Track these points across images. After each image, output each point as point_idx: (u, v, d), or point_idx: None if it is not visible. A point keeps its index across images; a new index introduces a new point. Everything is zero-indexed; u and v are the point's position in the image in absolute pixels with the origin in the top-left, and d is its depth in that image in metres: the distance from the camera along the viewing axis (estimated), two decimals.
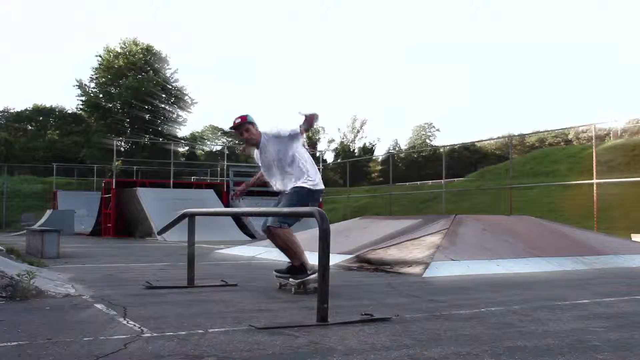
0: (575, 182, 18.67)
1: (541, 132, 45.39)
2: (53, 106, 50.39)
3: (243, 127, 4.84)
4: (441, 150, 20.76)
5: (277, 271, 4.99)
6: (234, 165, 23.73)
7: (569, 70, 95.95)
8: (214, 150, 52.94)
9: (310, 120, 4.58)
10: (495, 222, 8.68)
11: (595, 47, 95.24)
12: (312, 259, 4.19)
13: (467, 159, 53.75)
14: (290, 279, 4.72)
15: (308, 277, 4.61)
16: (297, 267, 4.73)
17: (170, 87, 46.68)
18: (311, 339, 2.85)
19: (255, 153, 5.09)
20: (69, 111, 49.72)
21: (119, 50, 47.45)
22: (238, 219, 17.80)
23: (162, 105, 46.08)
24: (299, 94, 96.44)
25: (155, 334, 2.93)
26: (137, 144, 42.69)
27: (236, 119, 4.89)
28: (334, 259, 7.01)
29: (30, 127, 49.54)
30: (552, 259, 7.09)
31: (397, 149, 66.32)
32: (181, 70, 73.00)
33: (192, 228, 5.13)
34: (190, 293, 4.68)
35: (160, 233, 14.08)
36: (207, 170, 31.55)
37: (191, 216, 5.15)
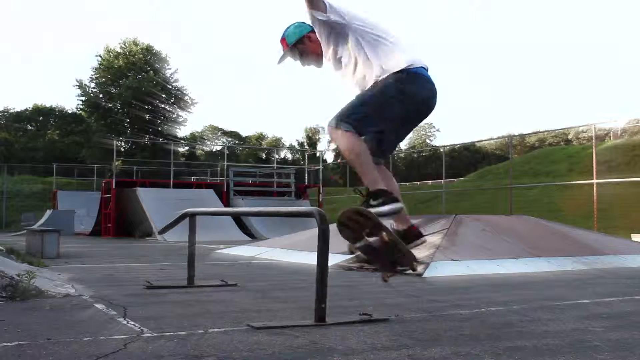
0: (575, 182, 18.69)
1: (541, 132, 45.37)
2: (53, 106, 50.44)
3: (292, 54, 3.42)
4: (441, 150, 20.76)
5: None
6: (234, 165, 23.73)
7: (569, 70, 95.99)
8: (214, 150, 52.93)
9: None
10: (495, 222, 8.67)
11: (595, 47, 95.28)
12: (311, 259, 4.16)
13: (467, 159, 53.70)
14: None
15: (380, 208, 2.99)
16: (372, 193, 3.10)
17: (170, 87, 46.67)
18: (311, 339, 2.85)
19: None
20: (69, 111, 49.76)
21: (119, 50, 47.44)
22: (238, 219, 17.79)
23: (162, 105, 46.07)
24: (299, 94, 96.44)
25: (155, 334, 2.93)
26: (137, 144, 42.68)
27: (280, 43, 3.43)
28: (334, 259, 7.01)
29: (30, 127, 49.53)
30: (552, 259, 7.09)
31: (397, 149, 66.38)
32: (181, 70, 73.13)
33: (193, 228, 5.13)
34: (190, 293, 4.67)
35: (161, 233, 14.09)
36: (207, 170, 31.53)
37: (192, 216, 5.15)
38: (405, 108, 3.11)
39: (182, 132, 50.81)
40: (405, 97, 3.06)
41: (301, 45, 3.35)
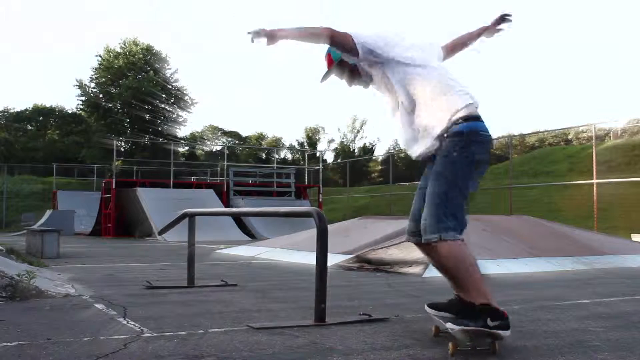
0: (575, 182, 18.68)
1: (541, 132, 45.32)
2: (53, 106, 50.37)
3: (339, 72, 3.03)
4: None
5: (431, 306, 3.02)
6: (234, 165, 23.73)
7: (569, 70, 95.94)
8: (214, 150, 52.93)
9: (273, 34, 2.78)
10: (495, 222, 8.67)
11: (595, 47, 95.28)
12: (311, 259, 4.15)
13: None
14: (449, 324, 2.60)
15: (482, 328, 2.53)
16: (466, 305, 2.68)
17: (170, 87, 46.66)
18: (311, 339, 2.85)
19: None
20: (69, 111, 49.72)
21: (119, 50, 47.41)
22: (238, 219, 17.79)
23: (162, 105, 46.04)
24: (299, 93, 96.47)
25: (155, 334, 2.93)
26: (137, 144, 42.68)
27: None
28: (334, 259, 7.01)
29: (30, 127, 49.50)
30: (552, 259, 7.09)
31: (397, 149, 66.35)
32: (181, 70, 72.88)
33: (192, 228, 5.13)
34: (190, 293, 4.68)
35: (160, 233, 14.11)
36: (207, 170, 31.55)
37: (191, 216, 5.16)
38: (477, 169, 2.89)
39: (182, 132, 50.82)
40: (474, 161, 2.79)
41: (348, 64, 2.97)
